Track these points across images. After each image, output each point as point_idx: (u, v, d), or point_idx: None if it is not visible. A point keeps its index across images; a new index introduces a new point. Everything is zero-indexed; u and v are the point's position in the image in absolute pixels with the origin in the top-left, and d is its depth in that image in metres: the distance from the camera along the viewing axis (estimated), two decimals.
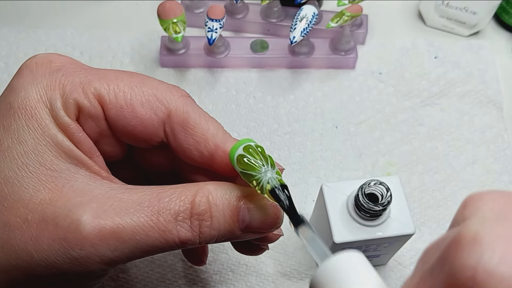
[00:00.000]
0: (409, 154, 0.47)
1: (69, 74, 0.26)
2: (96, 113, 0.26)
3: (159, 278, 0.40)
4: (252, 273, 0.41)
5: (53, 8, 0.56)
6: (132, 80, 0.27)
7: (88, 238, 0.23)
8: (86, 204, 0.23)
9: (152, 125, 0.27)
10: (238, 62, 0.51)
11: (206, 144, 0.27)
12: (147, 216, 0.24)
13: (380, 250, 0.37)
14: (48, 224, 0.23)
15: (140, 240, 0.23)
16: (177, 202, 0.24)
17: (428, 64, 0.52)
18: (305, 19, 0.46)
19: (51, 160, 0.24)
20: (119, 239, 0.23)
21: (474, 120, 0.49)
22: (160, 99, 0.27)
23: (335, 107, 0.50)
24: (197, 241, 0.25)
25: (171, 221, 0.24)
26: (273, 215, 0.26)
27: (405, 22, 0.57)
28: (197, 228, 0.25)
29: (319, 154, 0.47)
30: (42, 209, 0.23)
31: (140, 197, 0.24)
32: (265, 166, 0.24)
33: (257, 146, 0.25)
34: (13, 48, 0.52)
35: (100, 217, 0.23)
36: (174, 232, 0.24)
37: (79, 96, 0.25)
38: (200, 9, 0.53)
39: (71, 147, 0.25)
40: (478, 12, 0.52)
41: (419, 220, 0.44)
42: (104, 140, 0.27)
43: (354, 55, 0.51)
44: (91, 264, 0.23)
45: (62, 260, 0.23)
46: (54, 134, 0.25)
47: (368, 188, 0.33)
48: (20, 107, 0.24)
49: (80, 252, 0.23)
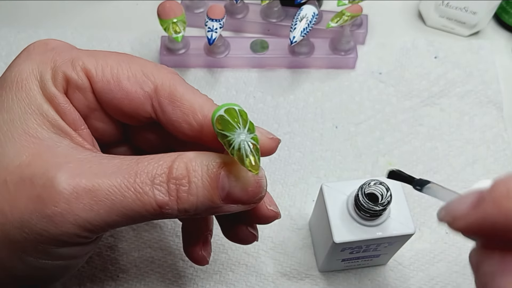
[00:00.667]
0: (409, 154, 0.47)
1: (61, 52, 0.27)
2: (83, 86, 0.26)
3: (159, 278, 0.40)
4: (252, 273, 0.41)
5: (53, 8, 0.56)
6: (120, 57, 0.28)
7: (62, 194, 0.23)
8: (64, 164, 0.24)
9: (138, 99, 0.27)
10: (238, 62, 0.51)
11: (195, 115, 0.27)
12: (124, 178, 0.23)
13: (380, 250, 0.37)
14: (25, 184, 0.23)
15: (116, 201, 0.23)
16: (155, 166, 0.24)
17: (428, 64, 0.52)
18: (305, 19, 0.46)
19: (35, 128, 0.25)
20: (94, 198, 0.23)
21: (474, 120, 0.49)
22: (146, 74, 0.27)
23: (335, 107, 0.49)
24: (175, 207, 0.24)
25: (147, 183, 0.24)
26: (254, 183, 0.24)
27: (405, 22, 0.57)
28: (175, 193, 0.24)
29: (319, 154, 0.47)
30: (21, 170, 0.24)
31: (120, 161, 0.25)
32: (239, 129, 0.23)
33: (240, 110, 0.24)
34: (13, 48, 0.52)
35: (76, 176, 0.23)
36: (151, 195, 0.24)
37: (67, 69, 0.26)
38: (200, 9, 0.53)
39: (55, 116, 0.26)
40: (478, 12, 0.52)
41: (419, 220, 0.44)
42: (94, 114, 0.28)
43: (354, 55, 0.51)
44: (65, 224, 0.23)
45: (36, 220, 0.23)
46: (40, 104, 0.25)
47: (368, 188, 0.33)
48: (13, 80, 0.26)
49: (54, 209, 0.23)
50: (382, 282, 0.41)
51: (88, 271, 0.40)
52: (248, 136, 0.23)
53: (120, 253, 0.41)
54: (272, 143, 0.27)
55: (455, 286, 0.41)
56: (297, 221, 0.43)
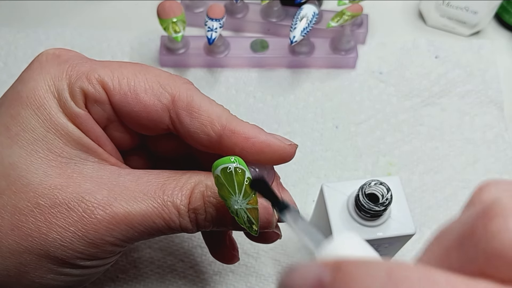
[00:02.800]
0: (409, 154, 0.47)
1: (75, 65, 0.27)
2: (101, 98, 0.26)
3: (159, 279, 0.40)
4: (252, 274, 0.41)
5: (52, 8, 0.56)
6: (136, 68, 0.28)
7: (102, 222, 0.24)
8: (97, 192, 0.25)
9: (156, 111, 0.27)
10: (238, 61, 0.51)
11: (213, 126, 0.27)
12: (154, 206, 0.25)
13: (380, 251, 0.37)
14: (61, 208, 0.24)
15: (148, 226, 0.26)
16: (178, 196, 0.26)
17: (429, 64, 0.52)
18: (305, 19, 0.46)
19: (60, 147, 0.25)
20: (130, 225, 0.25)
21: (475, 120, 0.49)
22: (163, 85, 0.27)
23: (336, 107, 0.49)
24: (195, 229, 0.27)
25: (174, 213, 0.26)
26: (263, 219, 0.27)
27: (405, 21, 0.56)
28: (194, 220, 0.27)
29: (319, 154, 0.47)
30: (53, 194, 0.24)
31: (146, 187, 0.26)
32: (234, 196, 0.24)
33: (236, 169, 0.24)
34: (12, 48, 0.52)
35: (112, 204, 0.25)
36: (176, 222, 0.26)
37: (84, 84, 0.26)
38: (200, 8, 0.53)
39: (80, 135, 0.26)
40: (479, 12, 0.51)
41: (420, 220, 0.44)
42: (112, 125, 0.28)
43: (354, 54, 0.51)
44: (105, 245, 0.25)
45: (77, 242, 0.24)
46: (64, 123, 0.26)
47: (369, 188, 0.33)
48: (29, 97, 0.25)
49: (95, 235, 0.24)
50: None
51: None
52: (243, 203, 0.25)
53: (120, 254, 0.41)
54: (290, 149, 0.28)
55: None
56: None
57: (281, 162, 0.28)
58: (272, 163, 0.28)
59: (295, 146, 0.28)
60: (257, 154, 0.27)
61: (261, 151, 0.27)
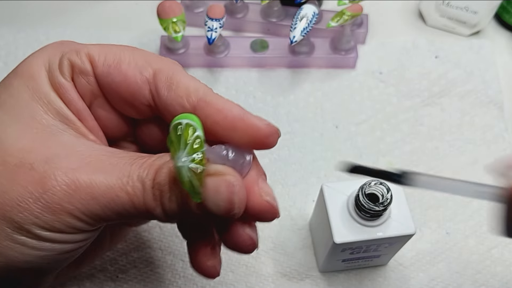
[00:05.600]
0: (409, 154, 0.47)
1: (72, 44, 0.28)
2: (85, 70, 0.27)
3: (159, 278, 0.40)
4: (252, 274, 0.41)
5: (52, 8, 0.56)
6: (127, 47, 0.28)
7: (61, 185, 0.23)
8: (65, 157, 0.24)
9: (136, 83, 0.27)
10: (238, 61, 0.51)
11: (189, 98, 0.26)
12: (118, 178, 0.24)
13: (380, 251, 0.37)
14: (25, 168, 0.24)
15: (110, 200, 0.24)
16: (146, 168, 0.25)
17: (429, 64, 0.52)
18: (305, 19, 0.46)
19: (40, 114, 0.26)
20: (90, 194, 0.24)
21: (475, 120, 0.49)
22: (148, 61, 0.27)
23: (336, 107, 0.49)
24: (161, 213, 0.25)
25: (138, 187, 0.24)
26: (225, 199, 0.24)
27: (405, 21, 0.56)
28: (159, 198, 0.24)
29: (319, 154, 0.47)
30: (22, 154, 0.24)
31: (117, 160, 0.25)
32: (178, 152, 0.22)
33: (187, 124, 0.23)
34: (12, 48, 0.52)
35: (76, 170, 0.24)
36: (140, 198, 0.24)
37: (72, 56, 0.27)
38: (200, 8, 0.53)
39: (61, 105, 0.26)
40: (479, 12, 0.51)
41: (420, 220, 0.43)
42: (97, 102, 0.28)
43: (354, 54, 0.51)
44: (61, 213, 0.24)
45: (33, 203, 0.23)
46: (47, 92, 0.26)
47: (369, 188, 0.33)
48: (23, 69, 0.27)
49: (52, 197, 0.23)
50: (383, 282, 0.41)
51: (87, 271, 0.40)
52: (187, 160, 0.22)
53: (120, 254, 0.41)
54: (266, 129, 0.26)
55: (456, 287, 0.41)
56: (297, 222, 0.43)
57: (259, 145, 0.26)
58: (248, 145, 0.26)
59: (275, 130, 0.26)
60: (229, 129, 0.26)
61: (233, 125, 0.26)
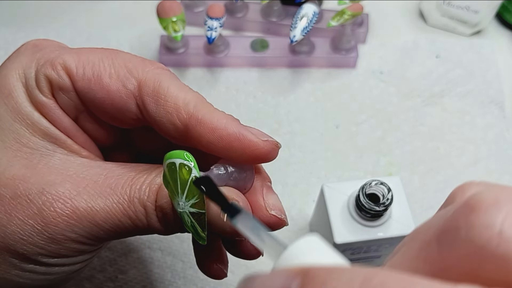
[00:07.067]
0: (410, 154, 0.47)
1: (47, 53, 0.26)
2: (65, 85, 0.25)
3: (158, 279, 0.40)
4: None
5: (51, 8, 0.56)
6: (105, 53, 0.26)
7: (61, 216, 0.23)
8: (60, 184, 0.23)
9: (120, 98, 0.25)
10: (238, 61, 0.51)
11: (179, 114, 0.24)
12: (119, 203, 0.24)
13: (381, 251, 0.36)
14: (21, 200, 0.23)
15: (113, 224, 0.24)
16: (146, 192, 0.24)
17: (430, 64, 0.52)
18: (306, 18, 0.46)
19: (27, 137, 0.24)
20: (92, 221, 0.23)
21: (476, 120, 0.49)
22: (130, 70, 0.25)
23: (336, 107, 0.49)
24: (165, 232, 0.25)
25: (140, 211, 0.24)
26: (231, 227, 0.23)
27: (406, 21, 0.56)
28: (162, 220, 0.24)
29: (319, 154, 0.46)
30: (15, 184, 0.23)
31: (115, 181, 0.24)
32: (177, 196, 0.22)
33: (182, 165, 0.21)
34: (12, 48, 0.51)
35: (74, 198, 0.23)
36: (144, 221, 0.24)
37: (48, 70, 0.25)
38: (200, 8, 0.53)
39: (47, 125, 0.25)
40: (480, 11, 0.51)
41: (420, 220, 0.43)
42: (83, 116, 0.26)
43: (355, 54, 0.51)
44: (66, 242, 0.23)
45: (37, 237, 0.23)
46: (30, 112, 0.25)
47: (369, 188, 0.32)
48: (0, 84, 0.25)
49: (54, 229, 0.23)
50: None
51: (87, 272, 0.40)
52: (186, 205, 0.22)
53: (119, 254, 0.41)
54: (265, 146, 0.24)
55: None
56: (298, 222, 0.43)
57: (258, 161, 0.24)
58: (248, 162, 0.25)
59: (274, 144, 0.25)
60: (226, 149, 0.24)
61: (229, 145, 0.23)
